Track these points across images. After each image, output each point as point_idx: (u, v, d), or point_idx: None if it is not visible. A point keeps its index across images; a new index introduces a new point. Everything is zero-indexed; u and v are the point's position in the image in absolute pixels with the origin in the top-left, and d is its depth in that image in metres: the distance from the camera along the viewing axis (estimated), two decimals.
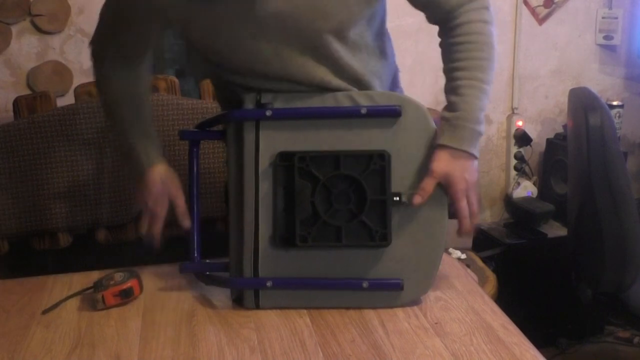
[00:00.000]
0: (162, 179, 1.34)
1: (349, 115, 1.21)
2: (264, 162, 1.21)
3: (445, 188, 1.20)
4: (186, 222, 1.33)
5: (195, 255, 1.30)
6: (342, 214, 1.18)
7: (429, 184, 1.19)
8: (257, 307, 1.20)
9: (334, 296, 1.20)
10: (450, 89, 1.26)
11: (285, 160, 1.19)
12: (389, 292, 1.19)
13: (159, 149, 1.37)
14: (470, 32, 1.26)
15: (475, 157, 1.22)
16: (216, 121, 1.33)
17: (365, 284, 1.18)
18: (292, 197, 1.18)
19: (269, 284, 1.19)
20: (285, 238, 1.19)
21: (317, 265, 1.19)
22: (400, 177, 1.19)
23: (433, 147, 1.21)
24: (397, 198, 1.19)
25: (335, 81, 1.26)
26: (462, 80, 1.24)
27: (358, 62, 1.28)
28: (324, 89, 1.24)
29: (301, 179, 1.19)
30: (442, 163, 1.20)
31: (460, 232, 1.22)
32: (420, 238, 1.20)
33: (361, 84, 1.29)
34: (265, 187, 1.20)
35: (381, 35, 1.34)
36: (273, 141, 1.20)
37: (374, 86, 1.31)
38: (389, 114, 1.21)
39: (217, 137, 1.34)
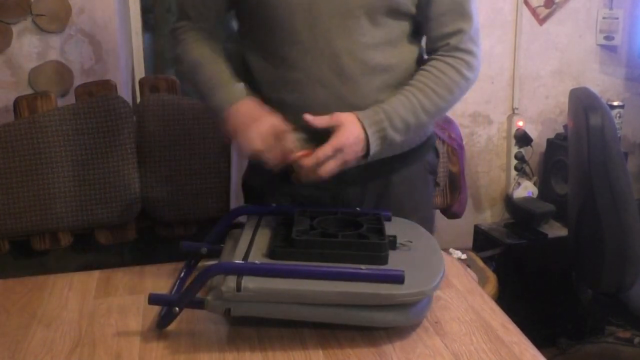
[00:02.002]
0: (254, 103, 1.29)
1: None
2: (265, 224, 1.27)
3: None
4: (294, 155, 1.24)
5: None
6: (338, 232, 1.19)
7: (325, 119, 1.23)
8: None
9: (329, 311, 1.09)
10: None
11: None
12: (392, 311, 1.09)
13: (242, 90, 1.33)
14: (438, 67, 1.33)
15: (367, 152, 1.25)
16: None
17: (363, 268, 1.08)
18: (290, 231, 1.17)
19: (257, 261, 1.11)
20: (279, 245, 1.15)
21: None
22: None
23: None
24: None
25: (348, 64, 1.29)
26: (403, 91, 1.31)
27: (379, 53, 1.31)
28: (336, 66, 1.28)
29: (301, 216, 1.22)
30: (342, 118, 1.24)
31: (300, 166, 1.22)
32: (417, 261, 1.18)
33: (374, 73, 1.31)
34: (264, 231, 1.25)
35: (414, 39, 1.38)
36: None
37: (385, 78, 1.33)
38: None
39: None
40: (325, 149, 1.21)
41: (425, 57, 1.41)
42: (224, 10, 1.42)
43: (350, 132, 1.23)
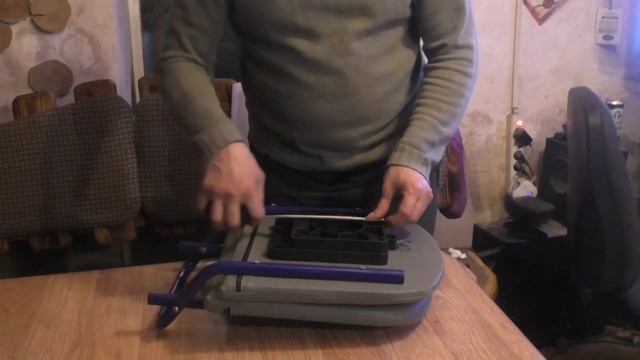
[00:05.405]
0: (248, 155, 1.22)
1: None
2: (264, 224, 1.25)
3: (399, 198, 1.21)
4: (259, 214, 1.20)
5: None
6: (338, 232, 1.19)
7: (383, 204, 1.22)
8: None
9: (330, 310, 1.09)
10: (408, 122, 1.32)
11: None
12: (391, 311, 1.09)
13: (240, 133, 1.26)
14: (443, 76, 1.33)
15: (424, 176, 1.25)
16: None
17: (363, 268, 1.08)
18: (289, 230, 1.17)
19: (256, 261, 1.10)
20: (279, 245, 1.15)
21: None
22: None
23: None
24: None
25: (352, 78, 1.29)
26: (417, 114, 1.31)
27: (381, 63, 1.31)
28: (341, 81, 1.28)
29: (300, 220, 1.22)
30: (392, 178, 1.23)
31: (387, 223, 1.21)
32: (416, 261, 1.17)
33: (377, 83, 1.31)
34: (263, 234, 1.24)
35: (411, 41, 1.37)
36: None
37: (388, 86, 1.33)
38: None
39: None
40: (409, 201, 1.20)
41: (425, 60, 1.40)
42: (220, 37, 1.37)
43: (411, 174, 1.23)
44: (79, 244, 2.12)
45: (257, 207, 1.19)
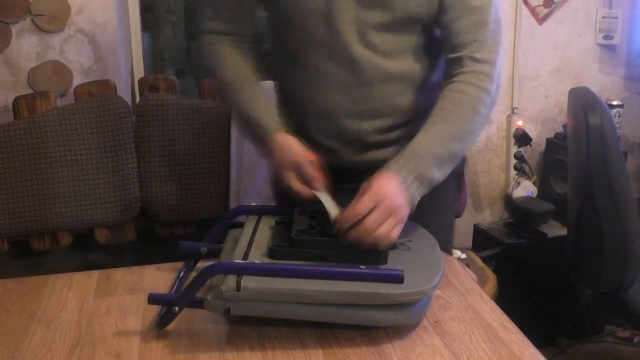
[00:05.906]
0: (290, 140, 1.30)
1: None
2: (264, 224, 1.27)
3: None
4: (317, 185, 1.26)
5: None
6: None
7: (361, 203, 1.11)
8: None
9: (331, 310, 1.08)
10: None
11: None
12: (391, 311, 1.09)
13: (283, 123, 1.33)
14: (456, 89, 1.27)
15: (408, 191, 1.15)
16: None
17: (363, 268, 1.07)
18: (289, 230, 1.18)
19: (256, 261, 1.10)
20: (279, 245, 1.15)
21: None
22: None
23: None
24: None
25: (365, 70, 1.30)
26: (428, 124, 1.24)
27: (398, 61, 1.31)
28: (354, 71, 1.29)
29: (300, 216, 1.22)
30: (372, 179, 1.15)
31: (335, 221, 1.13)
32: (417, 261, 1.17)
33: (391, 80, 1.31)
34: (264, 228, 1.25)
35: (434, 46, 1.35)
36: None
37: (404, 85, 1.34)
38: None
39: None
40: (363, 199, 1.11)
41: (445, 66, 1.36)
42: (255, 13, 1.41)
43: (386, 180, 1.14)
44: (79, 244, 2.12)
45: (300, 191, 1.26)
